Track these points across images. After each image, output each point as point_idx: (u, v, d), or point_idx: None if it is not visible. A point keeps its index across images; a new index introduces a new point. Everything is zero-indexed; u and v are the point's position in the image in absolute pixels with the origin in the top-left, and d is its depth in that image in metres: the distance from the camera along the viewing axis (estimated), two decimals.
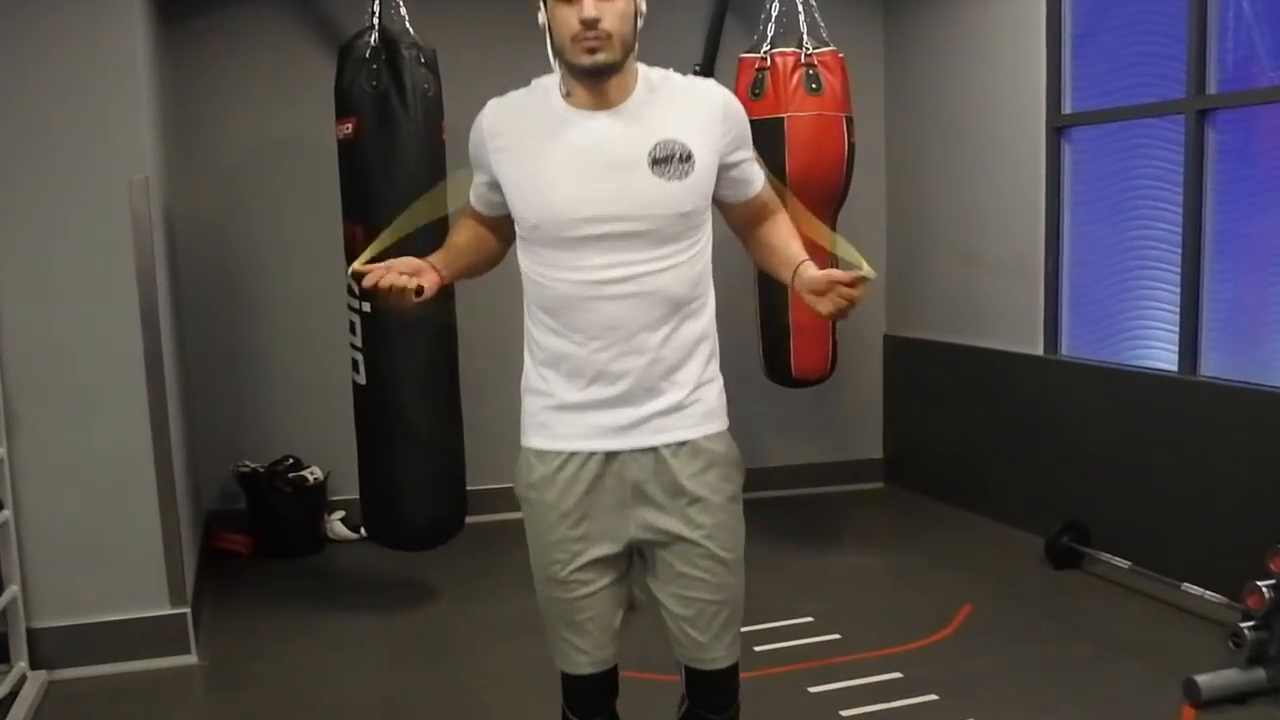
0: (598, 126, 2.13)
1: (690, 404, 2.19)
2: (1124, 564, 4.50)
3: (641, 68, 2.18)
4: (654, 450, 2.18)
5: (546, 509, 2.23)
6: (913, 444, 6.15)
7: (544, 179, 2.13)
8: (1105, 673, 3.79)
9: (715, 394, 2.24)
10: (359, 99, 4.10)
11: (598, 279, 2.12)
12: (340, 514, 5.40)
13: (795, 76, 4.59)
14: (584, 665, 2.29)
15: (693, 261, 2.17)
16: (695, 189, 2.13)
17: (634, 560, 2.28)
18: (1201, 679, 3.48)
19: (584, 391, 2.18)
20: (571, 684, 2.33)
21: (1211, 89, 4.29)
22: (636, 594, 2.33)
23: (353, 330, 4.25)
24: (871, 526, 5.52)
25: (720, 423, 2.24)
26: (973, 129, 5.51)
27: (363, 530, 5.12)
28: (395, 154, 4.08)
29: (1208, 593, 4.08)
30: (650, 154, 2.10)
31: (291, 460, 5.32)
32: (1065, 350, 5.14)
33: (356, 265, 2.21)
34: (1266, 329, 4.25)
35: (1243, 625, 3.57)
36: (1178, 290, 4.48)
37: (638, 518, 2.20)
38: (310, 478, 5.26)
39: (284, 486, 5.19)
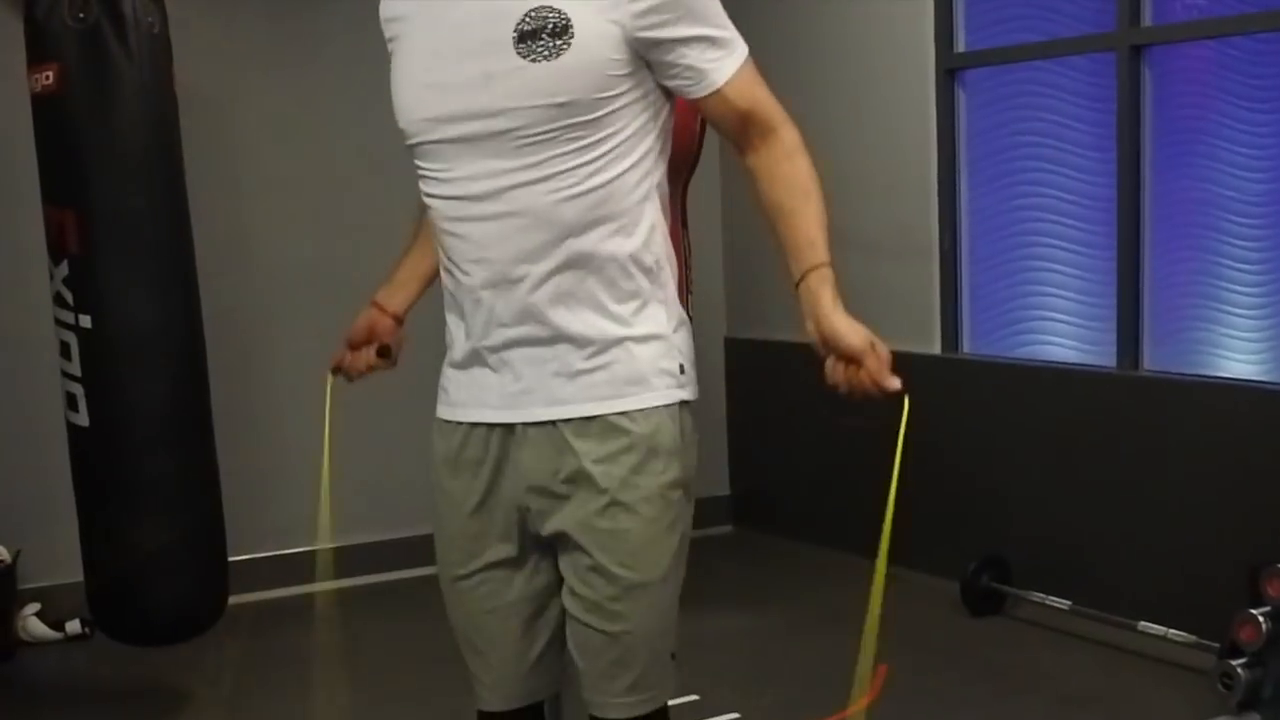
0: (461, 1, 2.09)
1: (600, 368, 2.12)
2: (1063, 604, 4.61)
3: None
4: (554, 425, 2.13)
5: (443, 495, 2.26)
6: (768, 476, 6.19)
7: (405, 72, 2.17)
8: None
9: (646, 356, 2.15)
10: (60, 37, 3.89)
11: (464, 194, 2.10)
12: (36, 607, 5.07)
13: None
14: (486, 699, 2.30)
15: (586, 173, 2.07)
16: (574, 71, 2.02)
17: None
18: None
19: (471, 345, 2.17)
20: None
21: (1147, 20, 4.49)
22: None
23: (66, 354, 4.02)
24: (731, 580, 5.52)
25: (650, 395, 2.15)
26: (841, 74, 5.58)
27: (73, 627, 4.98)
28: (113, 109, 3.93)
29: (1171, 631, 4.22)
30: (516, 28, 2.02)
31: None
32: (969, 347, 5.27)
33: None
34: (1215, 311, 4.47)
35: (1234, 663, 3.70)
36: (1113, 268, 4.65)
37: (537, 508, 2.17)
38: None
39: None
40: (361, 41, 5.39)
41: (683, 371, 2.20)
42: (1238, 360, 4.41)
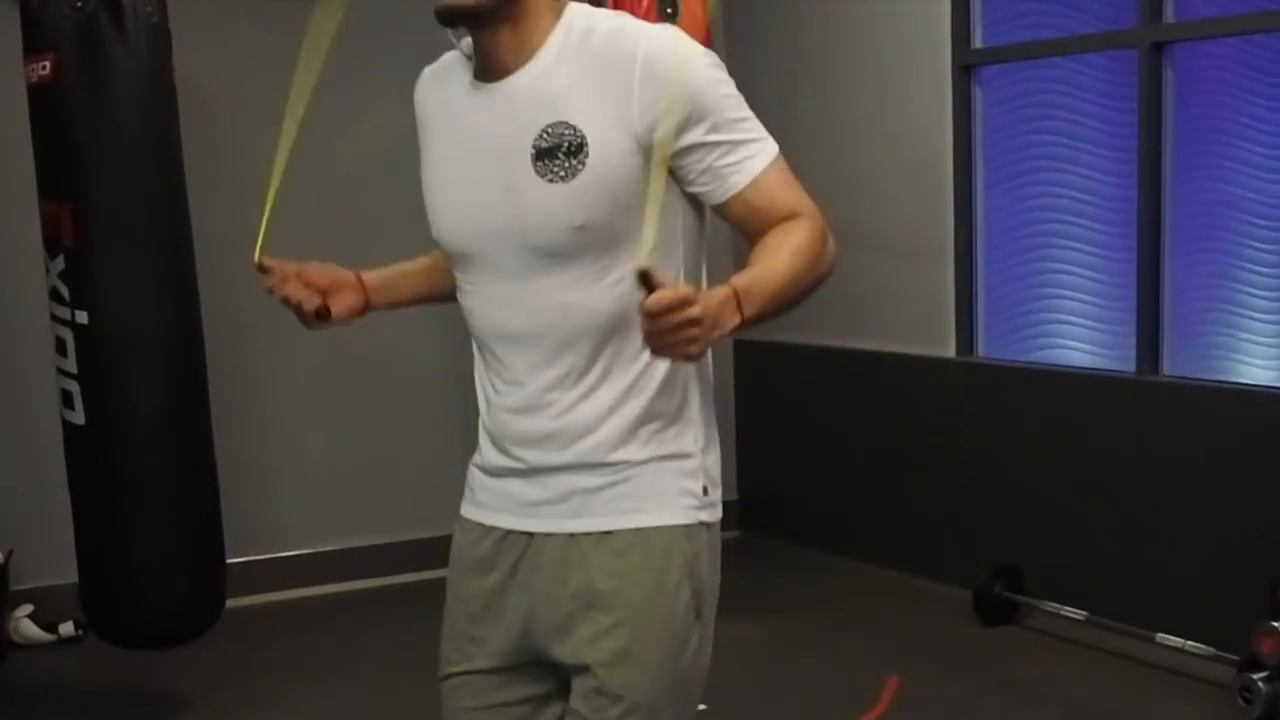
0: (485, 105, 2.05)
1: (621, 482, 2.08)
2: (1078, 615, 4.60)
3: (573, 10, 2.03)
4: (572, 538, 2.09)
5: (453, 592, 2.25)
6: (777, 481, 6.17)
7: (433, 179, 2.16)
8: None
9: (668, 475, 2.11)
10: (56, 26, 3.91)
11: (498, 308, 2.09)
12: (28, 609, 5.08)
13: None
14: None
15: (615, 295, 2.02)
16: (591, 192, 1.97)
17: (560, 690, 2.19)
18: None
19: (500, 452, 2.15)
20: None
21: (1169, 16, 4.48)
22: None
23: (62, 350, 4.02)
24: (737, 586, 5.44)
25: (667, 514, 2.11)
26: (856, 71, 5.57)
27: (66, 629, 4.97)
28: (110, 101, 3.94)
29: (1189, 643, 4.21)
30: (534, 144, 1.98)
31: None
32: (984, 351, 5.26)
33: (259, 256, 2.17)
34: (1236, 316, 4.47)
35: (1254, 676, 3.70)
36: (1131, 270, 4.64)
37: (545, 620, 2.13)
38: None
39: None
40: (365, 36, 5.41)
41: (706, 493, 2.15)
42: (1259, 366, 4.40)
